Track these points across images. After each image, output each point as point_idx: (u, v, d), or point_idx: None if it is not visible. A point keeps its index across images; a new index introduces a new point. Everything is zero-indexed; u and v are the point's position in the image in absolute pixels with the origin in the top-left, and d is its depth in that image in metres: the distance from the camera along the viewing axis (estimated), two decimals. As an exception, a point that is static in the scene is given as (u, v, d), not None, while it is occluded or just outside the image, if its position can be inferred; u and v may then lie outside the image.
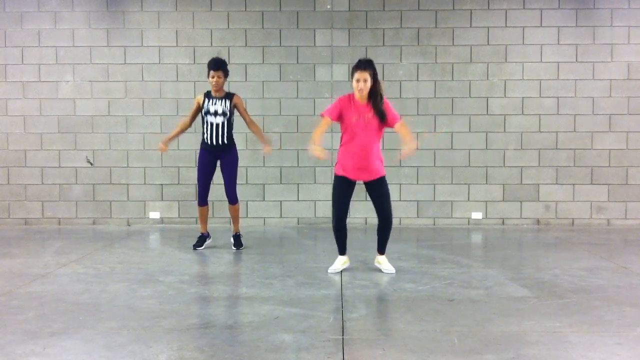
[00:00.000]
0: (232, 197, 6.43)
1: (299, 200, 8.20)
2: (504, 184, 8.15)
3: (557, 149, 8.10)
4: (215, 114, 6.25)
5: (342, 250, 5.47)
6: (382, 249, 5.44)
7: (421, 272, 5.40)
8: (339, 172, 5.27)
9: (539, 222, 8.16)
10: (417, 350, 3.45)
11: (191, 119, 6.47)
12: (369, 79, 5.09)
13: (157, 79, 8.17)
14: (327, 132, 8.03)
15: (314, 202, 8.18)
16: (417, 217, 8.19)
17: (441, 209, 8.18)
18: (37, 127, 8.19)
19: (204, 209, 6.48)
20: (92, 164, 8.22)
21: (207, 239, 6.59)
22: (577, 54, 8.06)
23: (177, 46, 8.15)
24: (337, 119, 5.18)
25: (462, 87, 8.10)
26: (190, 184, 8.13)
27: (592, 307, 4.30)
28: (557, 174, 8.13)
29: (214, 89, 6.23)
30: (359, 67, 5.13)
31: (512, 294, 4.64)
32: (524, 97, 8.09)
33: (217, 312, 4.21)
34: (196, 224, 8.13)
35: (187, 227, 7.94)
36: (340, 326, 3.87)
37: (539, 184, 8.14)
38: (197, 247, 6.47)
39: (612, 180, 8.10)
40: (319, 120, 5.30)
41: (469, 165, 8.15)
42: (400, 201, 8.14)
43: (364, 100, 5.15)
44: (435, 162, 8.14)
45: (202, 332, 3.76)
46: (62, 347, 3.50)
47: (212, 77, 6.19)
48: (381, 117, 5.12)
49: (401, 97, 8.08)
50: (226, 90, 6.46)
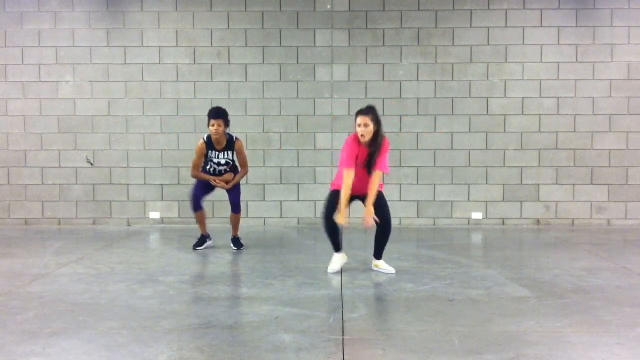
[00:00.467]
0: (236, 206, 6.46)
1: (299, 200, 8.20)
2: (504, 184, 8.15)
3: (557, 149, 8.10)
4: (219, 164, 6.37)
5: (338, 247, 5.48)
6: (381, 255, 5.46)
7: (421, 272, 5.40)
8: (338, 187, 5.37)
9: (539, 222, 8.16)
10: (417, 350, 3.45)
11: (200, 163, 6.38)
12: (371, 123, 5.14)
13: (157, 79, 8.17)
14: (327, 133, 8.07)
15: (314, 202, 8.18)
16: (417, 217, 8.19)
17: (441, 209, 8.18)
18: (37, 127, 8.19)
19: (200, 213, 6.49)
20: (92, 164, 8.22)
21: (207, 240, 6.59)
22: (577, 54, 8.06)
23: (177, 46, 8.15)
24: None
25: (462, 87, 8.10)
26: (190, 184, 8.12)
27: (592, 307, 4.30)
28: (557, 174, 8.13)
29: (214, 136, 6.23)
30: (360, 112, 5.23)
31: (512, 294, 4.64)
32: (524, 97, 8.09)
33: (217, 312, 4.21)
34: (196, 224, 8.14)
35: (187, 227, 7.94)
36: (340, 326, 3.86)
37: (539, 184, 8.14)
38: (197, 247, 6.48)
39: (612, 180, 8.11)
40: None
41: (469, 165, 8.15)
42: (400, 201, 8.15)
43: (365, 143, 5.23)
44: (435, 162, 8.14)
45: (202, 332, 3.76)
46: (62, 347, 3.50)
47: (212, 125, 6.22)
48: (372, 159, 5.23)
49: (401, 97, 8.08)
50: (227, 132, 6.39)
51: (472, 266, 5.65)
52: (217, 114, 6.20)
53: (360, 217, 8.22)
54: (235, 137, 6.37)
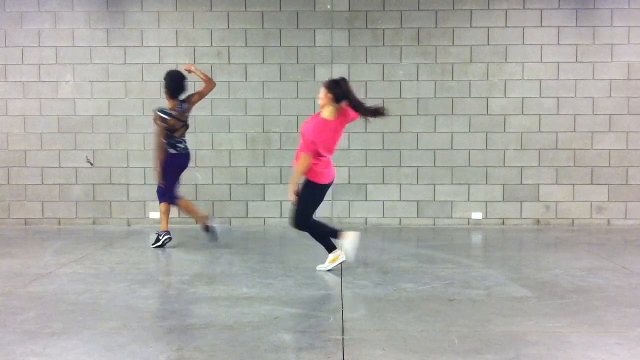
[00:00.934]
0: (177, 196, 6.64)
1: (299, 200, 8.19)
2: (504, 184, 8.15)
3: (557, 149, 8.10)
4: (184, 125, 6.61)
5: (331, 246, 5.45)
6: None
7: (421, 272, 5.40)
8: (325, 180, 5.30)
9: (539, 222, 8.16)
10: (417, 350, 3.45)
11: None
12: (321, 94, 5.20)
13: (157, 79, 8.15)
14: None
15: (314, 202, 8.17)
16: (417, 217, 8.19)
17: (441, 209, 8.18)
18: (37, 127, 8.19)
19: (184, 202, 6.69)
20: (92, 164, 8.22)
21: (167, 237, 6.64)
22: (577, 54, 8.06)
23: (177, 46, 8.15)
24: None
25: (462, 87, 8.10)
26: (190, 184, 8.13)
27: (592, 307, 4.30)
28: (557, 174, 8.13)
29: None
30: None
31: (512, 294, 4.64)
32: (524, 97, 8.09)
33: (217, 312, 4.21)
34: (196, 224, 8.14)
35: (187, 227, 7.94)
36: (340, 326, 3.86)
37: (539, 184, 8.14)
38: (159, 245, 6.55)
39: (612, 180, 8.10)
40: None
41: (469, 165, 8.15)
42: (400, 201, 8.15)
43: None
44: (435, 162, 8.14)
45: (202, 332, 3.76)
46: (62, 347, 3.50)
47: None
48: None
49: (401, 97, 8.08)
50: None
51: (472, 266, 5.65)
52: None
53: (360, 217, 8.27)
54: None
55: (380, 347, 3.50)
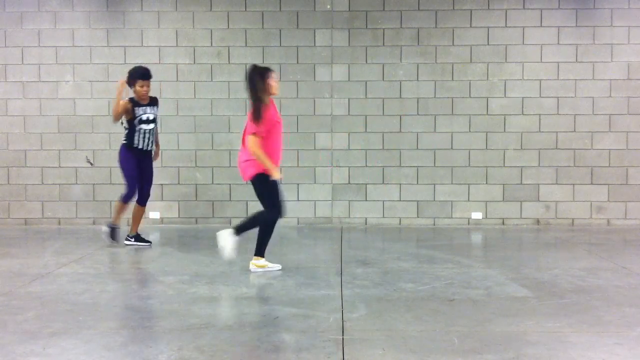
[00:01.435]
0: (147, 199, 6.69)
1: (299, 200, 8.20)
2: (504, 184, 8.15)
3: (557, 149, 8.10)
4: (148, 120, 6.53)
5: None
6: (258, 251, 5.49)
7: (421, 272, 5.40)
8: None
9: (539, 222, 8.16)
10: (417, 350, 3.45)
11: (121, 113, 6.47)
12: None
13: (157, 79, 8.12)
14: (327, 133, 8.06)
15: (314, 202, 8.18)
16: (417, 217, 8.18)
17: (441, 209, 8.18)
18: (37, 127, 8.19)
19: (142, 208, 6.71)
20: (92, 164, 8.22)
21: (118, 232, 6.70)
22: (577, 54, 8.06)
23: (177, 46, 8.15)
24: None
25: (462, 87, 8.10)
26: (190, 184, 8.14)
27: (592, 307, 4.30)
28: (557, 174, 8.12)
29: (144, 98, 6.48)
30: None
31: (512, 294, 4.65)
32: (524, 97, 8.09)
33: (217, 312, 4.21)
34: (196, 223, 8.15)
35: (187, 227, 7.95)
36: (340, 326, 3.87)
37: (539, 184, 8.14)
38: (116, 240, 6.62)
39: (612, 180, 8.10)
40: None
41: (469, 165, 8.15)
42: (400, 201, 8.15)
43: None
44: (435, 162, 8.14)
45: (202, 332, 3.76)
46: (62, 347, 3.50)
47: (141, 87, 6.44)
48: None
49: (401, 97, 8.08)
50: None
51: (472, 266, 5.65)
52: (149, 75, 6.48)
53: (360, 217, 8.27)
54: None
55: (380, 347, 3.50)
